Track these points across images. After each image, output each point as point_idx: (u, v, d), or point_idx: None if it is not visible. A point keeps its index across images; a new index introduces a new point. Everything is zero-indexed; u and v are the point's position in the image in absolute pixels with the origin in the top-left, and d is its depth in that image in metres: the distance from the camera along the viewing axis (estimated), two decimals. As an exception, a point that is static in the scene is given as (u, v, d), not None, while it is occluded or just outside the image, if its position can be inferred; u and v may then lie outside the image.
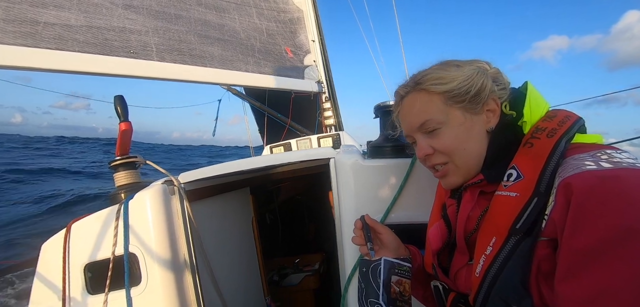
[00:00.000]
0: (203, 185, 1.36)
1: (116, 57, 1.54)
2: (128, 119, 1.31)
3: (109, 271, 1.09)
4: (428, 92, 0.61)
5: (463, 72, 0.60)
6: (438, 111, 0.61)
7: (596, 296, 0.40)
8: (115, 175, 1.30)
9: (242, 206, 1.80)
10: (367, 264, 0.71)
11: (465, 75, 0.60)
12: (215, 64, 2.02)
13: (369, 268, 0.70)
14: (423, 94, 0.62)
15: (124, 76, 1.60)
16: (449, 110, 0.60)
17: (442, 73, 0.61)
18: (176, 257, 1.16)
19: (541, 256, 0.49)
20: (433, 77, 0.61)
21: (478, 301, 0.54)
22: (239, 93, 3.18)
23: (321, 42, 2.88)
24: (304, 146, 2.35)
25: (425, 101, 0.62)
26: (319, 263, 2.25)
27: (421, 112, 0.62)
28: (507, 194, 0.53)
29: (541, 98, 0.61)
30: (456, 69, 0.61)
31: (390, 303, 0.67)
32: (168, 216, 1.16)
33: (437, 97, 0.61)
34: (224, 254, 1.49)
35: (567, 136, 0.52)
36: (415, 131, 0.65)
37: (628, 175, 0.42)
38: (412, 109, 0.64)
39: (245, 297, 1.64)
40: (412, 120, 0.65)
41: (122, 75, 1.58)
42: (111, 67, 1.52)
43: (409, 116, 0.65)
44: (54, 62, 1.34)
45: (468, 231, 0.64)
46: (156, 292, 1.10)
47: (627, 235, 0.39)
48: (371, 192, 1.05)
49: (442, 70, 0.61)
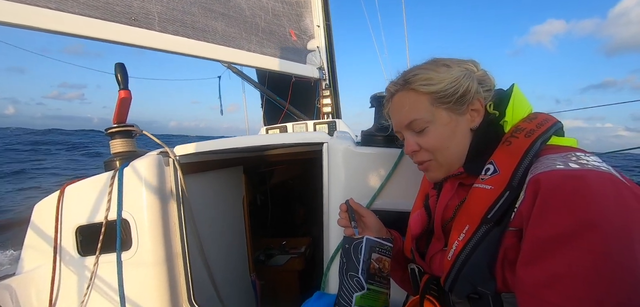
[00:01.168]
0: (198, 159, 1.39)
1: (117, 24, 1.52)
2: (128, 87, 1.32)
3: (101, 235, 1.12)
4: (416, 92, 0.64)
5: (451, 74, 0.63)
6: (425, 111, 0.64)
7: (553, 279, 0.44)
8: (112, 142, 1.32)
9: (234, 184, 1.83)
10: (350, 241, 0.74)
11: (453, 77, 0.63)
12: (217, 39, 2.00)
13: (352, 245, 0.73)
14: (412, 94, 0.65)
15: (123, 44, 1.56)
16: (436, 111, 0.64)
17: (431, 74, 0.64)
18: (167, 226, 1.19)
19: (508, 244, 0.53)
20: (422, 77, 0.64)
21: (448, 282, 0.59)
22: (239, 72, 3.17)
23: (326, 28, 2.86)
24: (300, 131, 2.37)
25: (414, 101, 0.65)
26: (305, 247, 2.30)
27: (409, 112, 0.66)
28: (483, 186, 0.57)
29: (525, 101, 0.65)
30: (445, 70, 0.64)
31: (369, 278, 0.71)
32: (161, 186, 1.18)
33: (424, 98, 0.64)
34: (213, 227, 1.52)
35: (543, 137, 0.55)
36: (403, 128, 0.69)
37: (591, 175, 0.45)
38: (401, 108, 0.68)
39: (232, 271, 1.69)
40: (401, 118, 0.68)
41: (122, 42, 1.55)
42: (111, 33, 1.49)
43: (398, 114, 0.69)
44: (52, 23, 1.31)
45: (445, 218, 0.68)
46: (146, 258, 1.14)
47: (584, 228, 0.42)
48: (360, 177, 1.08)
49: (432, 71, 0.64)
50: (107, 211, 1.14)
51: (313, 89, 2.96)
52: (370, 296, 0.70)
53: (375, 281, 0.71)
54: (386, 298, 0.74)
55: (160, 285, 1.15)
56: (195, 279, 1.26)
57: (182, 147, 1.30)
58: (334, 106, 2.79)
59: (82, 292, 1.15)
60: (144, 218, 1.13)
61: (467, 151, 0.65)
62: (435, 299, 0.66)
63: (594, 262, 0.41)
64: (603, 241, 0.41)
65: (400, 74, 0.69)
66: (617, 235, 0.41)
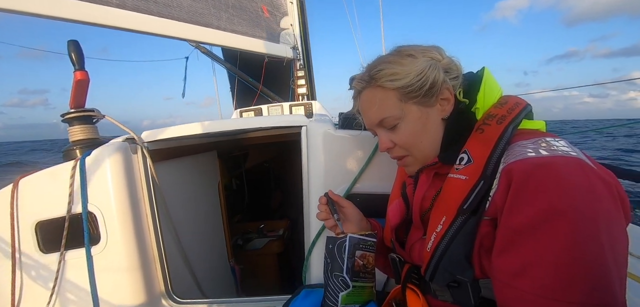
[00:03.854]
0: (168, 145, 1.31)
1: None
2: (84, 68, 1.20)
3: (64, 230, 1.04)
4: (383, 88, 0.63)
5: (416, 67, 0.62)
6: (394, 107, 0.63)
7: (526, 266, 0.45)
8: (70, 129, 1.21)
9: (209, 169, 1.76)
10: (334, 241, 0.73)
11: (418, 70, 0.62)
12: (183, 15, 1.86)
13: (335, 245, 0.72)
14: (379, 91, 0.64)
15: (74, 21, 1.35)
16: (405, 106, 0.63)
17: (397, 68, 0.62)
18: (138, 217, 1.12)
19: (483, 233, 0.54)
20: (387, 73, 0.63)
21: (428, 273, 0.60)
22: (208, 52, 3.00)
23: (300, 4, 2.77)
24: (276, 113, 2.31)
25: (382, 98, 0.64)
26: (283, 229, 2.30)
27: (379, 111, 0.65)
28: (458, 176, 0.58)
29: (496, 84, 0.65)
30: (410, 61, 0.63)
31: (355, 275, 0.71)
32: (129, 175, 1.11)
33: (392, 94, 0.63)
34: (188, 216, 1.47)
35: (514, 123, 0.56)
36: (375, 127, 0.69)
37: (560, 162, 0.47)
38: (370, 107, 0.67)
39: (210, 259, 1.65)
40: (371, 117, 0.67)
41: (72, 19, 1.34)
42: (58, 9, 1.29)
43: (368, 113, 0.68)
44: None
45: (423, 209, 0.69)
46: (116, 252, 1.08)
47: (553, 216, 0.44)
48: (340, 161, 1.08)
49: (397, 65, 0.63)
50: (70, 204, 1.05)
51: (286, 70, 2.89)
52: (356, 293, 0.71)
53: (360, 278, 0.72)
54: (371, 290, 0.75)
55: (134, 279, 1.10)
56: (172, 270, 1.22)
57: (151, 133, 1.22)
58: (309, 87, 2.75)
59: (48, 292, 1.07)
60: (112, 210, 1.06)
61: (441, 141, 0.65)
62: (416, 287, 0.68)
63: (561, 250, 0.42)
64: (570, 229, 0.42)
65: (365, 69, 0.68)
66: (584, 222, 0.42)
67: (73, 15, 1.34)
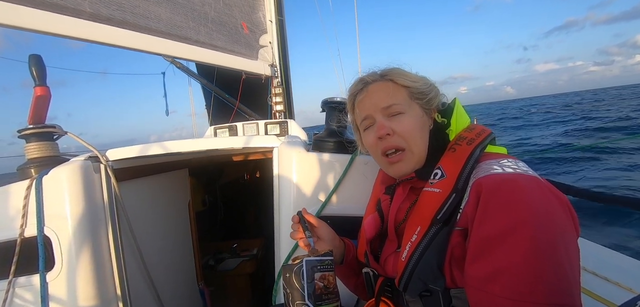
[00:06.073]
0: (135, 164, 1.27)
1: (34, 9, 1.26)
2: (46, 83, 1.15)
3: (15, 255, 0.97)
4: (395, 83, 0.71)
5: (423, 79, 0.73)
6: (403, 100, 0.70)
7: (495, 273, 0.48)
8: (26, 146, 1.14)
9: (179, 188, 1.71)
10: (290, 269, 0.71)
11: (427, 81, 0.73)
12: (162, 27, 1.81)
13: (292, 272, 0.70)
14: (390, 84, 0.72)
15: (45, 33, 1.26)
16: (412, 103, 0.71)
17: (408, 73, 0.72)
18: (97, 241, 1.06)
19: (454, 243, 0.58)
20: (399, 72, 0.72)
21: (402, 282, 0.62)
22: (184, 67, 2.95)
23: (279, 24, 2.79)
24: (251, 131, 2.29)
25: (393, 89, 0.71)
26: (257, 248, 2.24)
27: (389, 96, 0.71)
28: (433, 189, 0.62)
29: (465, 114, 0.73)
30: (414, 75, 0.73)
31: (318, 299, 0.69)
32: (90, 195, 1.06)
33: (403, 90, 0.71)
34: (155, 237, 1.41)
35: (481, 146, 0.63)
36: (378, 111, 0.71)
37: (522, 179, 0.53)
38: (379, 92, 0.72)
39: (177, 282, 1.58)
40: (378, 100, 0.71)
41: (43, 31, 1.25)
42: (28, 20, 1.18)
43: (376, 96, 0.72)
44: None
45: (398, 221, 0.72)
46: (73, 279, 1.01)
47: (518, 225, 0.48)
48: (311, 182, 1.08)
49: (406, 73, 0.73)
50: (23, 227, 0.98)
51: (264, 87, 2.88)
52: None
53: (323, 301, 0.70)
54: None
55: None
56: (135, 296, 1.16)
57: (116, 151, 1.17)
58: (286, 105, 2.75)
59: (-9, 323, 0.98)
60: (68, 233, 1.00)
61: (427, 153, 0.70)
62: (389, 300, 0.69)
63: (525, 254, 0.47)
64: (532, 235, 0.47)
65: (371, 71, 0.76)
66: (544, 232, 0.47)
67: (45, 26, 1.24)
